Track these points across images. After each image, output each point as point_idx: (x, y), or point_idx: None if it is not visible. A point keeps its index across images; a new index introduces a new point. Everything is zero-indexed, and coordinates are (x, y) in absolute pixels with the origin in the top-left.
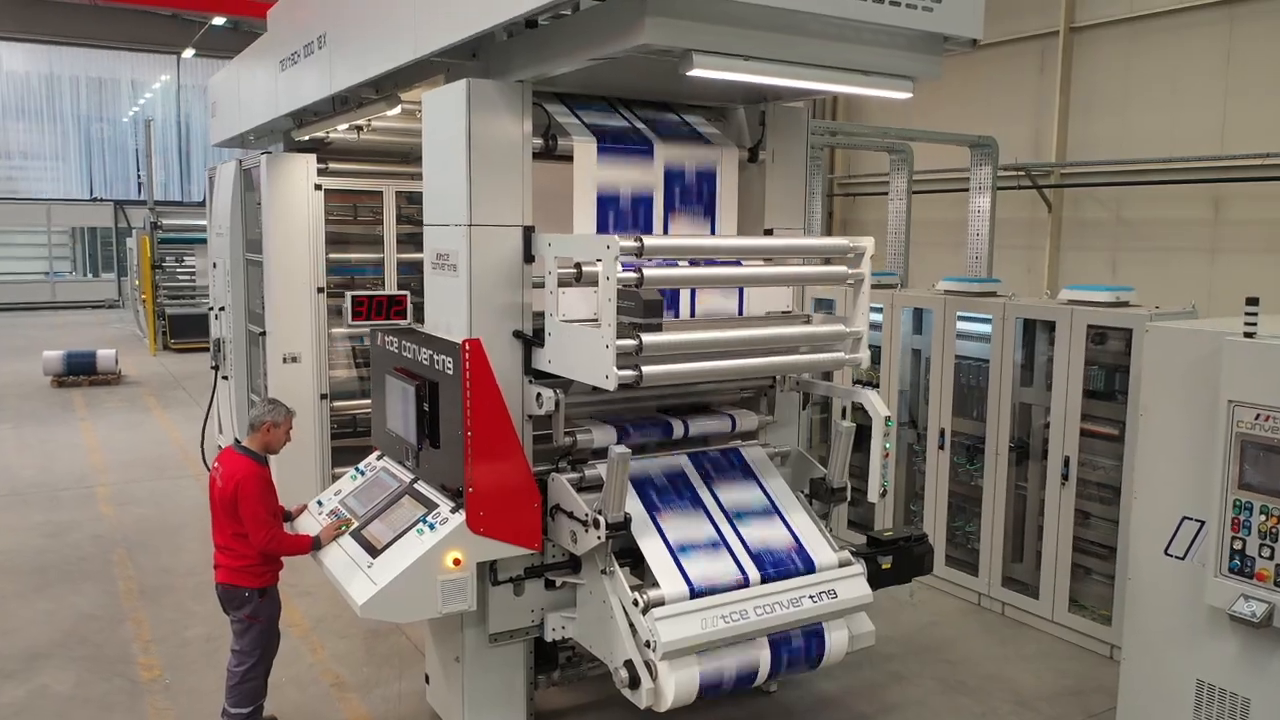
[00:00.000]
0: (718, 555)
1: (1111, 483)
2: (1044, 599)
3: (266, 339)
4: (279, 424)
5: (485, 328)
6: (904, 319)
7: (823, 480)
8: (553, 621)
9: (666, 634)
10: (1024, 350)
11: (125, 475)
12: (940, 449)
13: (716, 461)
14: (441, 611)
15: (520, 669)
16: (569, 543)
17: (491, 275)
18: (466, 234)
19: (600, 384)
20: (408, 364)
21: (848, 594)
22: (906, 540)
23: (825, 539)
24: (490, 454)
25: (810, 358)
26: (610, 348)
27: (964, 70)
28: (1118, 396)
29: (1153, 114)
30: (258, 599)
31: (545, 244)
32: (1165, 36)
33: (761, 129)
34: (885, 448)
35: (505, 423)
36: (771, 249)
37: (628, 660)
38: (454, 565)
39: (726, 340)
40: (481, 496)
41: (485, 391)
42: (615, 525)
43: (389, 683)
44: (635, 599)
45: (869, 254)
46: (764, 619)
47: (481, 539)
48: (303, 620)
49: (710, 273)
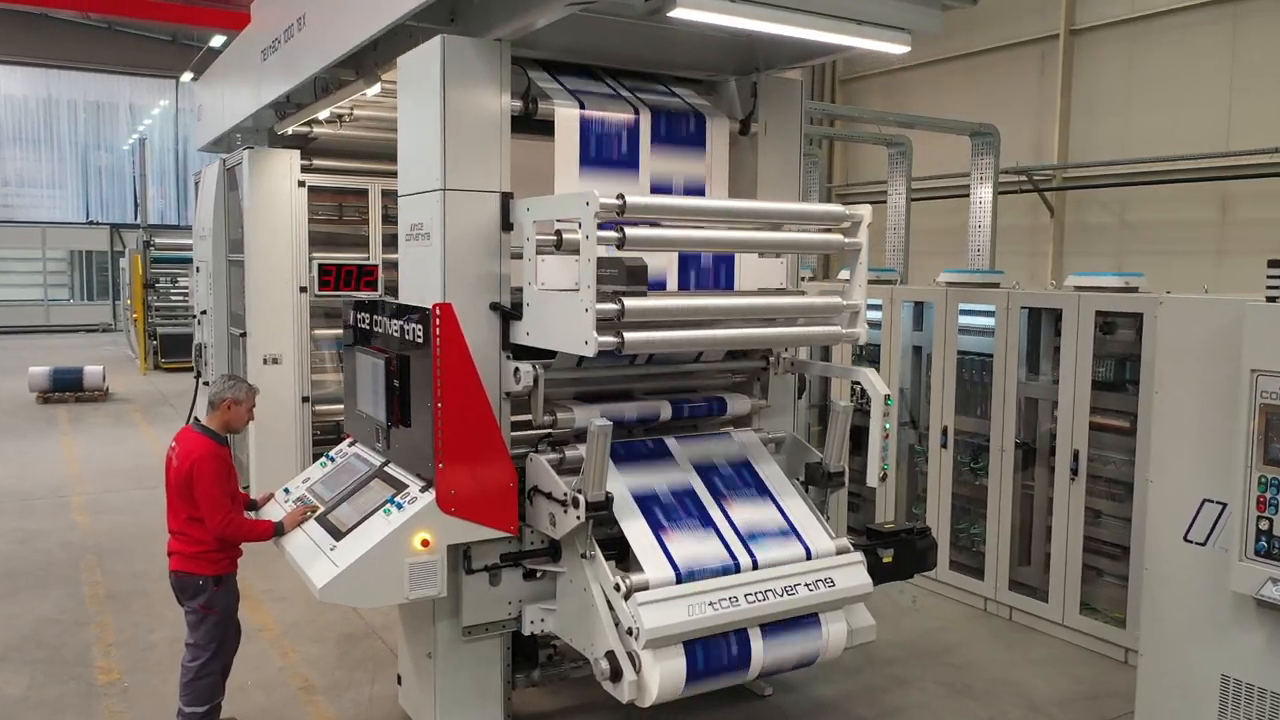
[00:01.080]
0: (706, 539)
1: (1123, 478)
2: (1054, 602)
3: (247, 340)
4: (240, 401)
5: (460, 299)
6: (904, 316)
7: (819, 465)
8: (531, 614)
9: (650, 620)
10: (1029, 343)
11: (102, 485)
12: (943, 447)
13: (706, 445)
14: (409, 596)
15: (497, 666)
16: (547, 526)
17: (467, 244)
18: (440, 199)
19: (579, 350)
20: (378, 339)
21: (846, 582)
22: (909, 533)
23: (822, 526)
24: (462, 427)
25: (805, 330)
26: (590, 311)
27: (963, 74)
28: (1128, 388)
29: (1156, 115)
30: (213, 588)
31: (524, 209)
32: (1168, 36)
33: (753, 101)
34: (885, 428)
35: (478, 393)
36: (761, 212)
37: (609, 651)
38: (422, 547)
39: (714, 308)
40: (453, 474)
41: (457, 359)
42: (596, 505)
43: (361, 686)
44: (617, 584)
45: (866, 222)
46: (756, 607)
47: (452, 520)
48: (274, 625)
49: (696, 234)
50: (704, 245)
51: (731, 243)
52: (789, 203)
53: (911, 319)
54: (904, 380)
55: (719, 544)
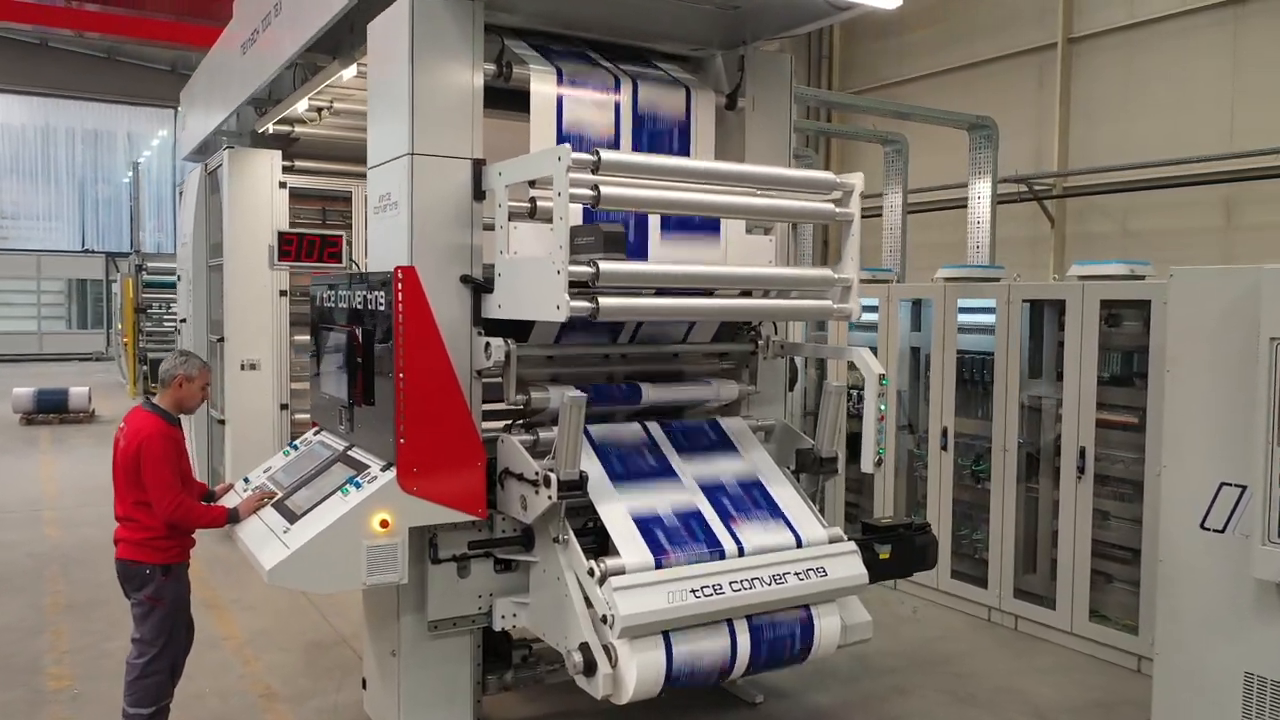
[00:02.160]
0: (688, 524)
1: (1132, 477)
2: (1061, 609)
3: (224, 345)
4: (193, 378)
5: (428, 271)
6: (902, 317)
7: (810, 452)
8: (502, 608)
9: (626, 607)
10: (1031, 339)
11: (77, 501)
12: (943, 450)
13: (690, 430)
14: (366, 582)
15: (466, 665)
16: (519, 510)
17: (436, 212)
18: (408, 165)
19: (551, 316)
20: (342, 314)
21: (839, 573)
22: (907, 528)
23: (813, 514)
24: (426, 399)
25: (794, 304)
26: (562, 273)
27: (961, 86)
28: (1135, 382)
29: (1157, 121)
30: (160, 578)
31: (495, 174)
32: (1168, 41)
33: (740, 75)
34: (880, 409)
35: (443, 364)
36: (745, 175)
37: (583, 643)
38: (381, 529)
39: (697, 276)
40: (415, 450)
41: (420, 325)
42: (569, 484)
43: (325, 694)
44: (591, 568)
45: (858, 191)
46: (742, 596)
47: (415, 500)
48: (239, 633)
49: (676, 195)
50: (684, 207)
51: (713, 206)
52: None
53: (909, 319)
54: (902, 383)
55: (702, 529)
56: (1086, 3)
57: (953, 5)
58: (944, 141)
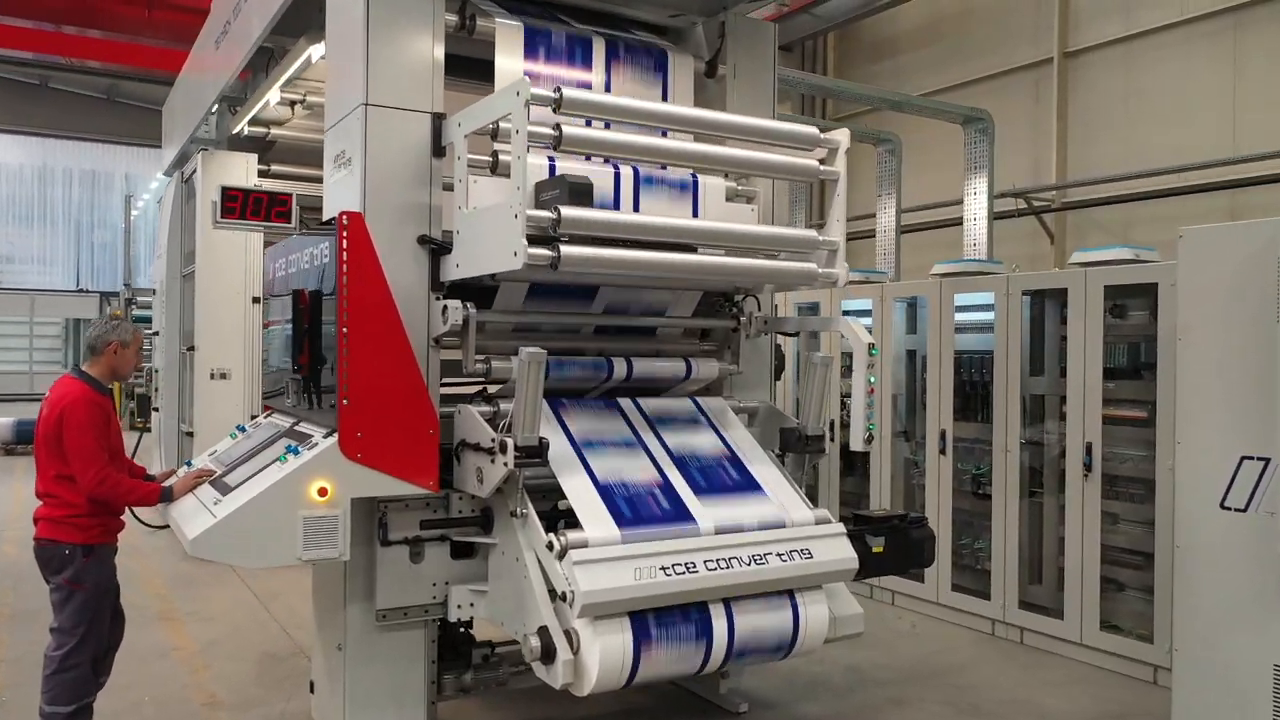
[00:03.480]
0: (659, 497)
1: (1143, 475)
2: (1070, 620)
3: (194, 355)
4: (127, 344)
5: (383, 230)
6: (896, 319)
7: (795, 430)
8: (458, 596)
9: (587, 582)
10: (1032, 335)
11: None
12: (941, 454)
13: (665, 407)
14: (302, 557)
15: (419, 663)
16: (475, 484)
17: (393, 168)
18: (362, 116)
19: (507, 265)
20: (292, 279)
21: (826, 556)
22: (901, 519)
23: (799, 495)
24: (372, 356)
25: (776, 265)
26: (520, 218)
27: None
28: (1143, 374)
29: (1157, 132)
30: (81, 559)
31: (455, 125)
32: (1167, 52)
33: (721, 41)
34: (869, 381)
35: (391, 317)
36: (721, 124)
37: (542, 626)
38: (320, 497)
39: (667, 228)
40: (360, 412)
41: (366, 276)
42: (527, 450)
43: (273, 703)
44: (550, 541)
45: (844, 148)
46: (718, 576)
47: (358, 468)
48: (191, 643)
49: (647, 141)
50: (654, 154)
51: (686, 155)
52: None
53: (904, 321)
54: (898, 387)
55: (675, 504)
56: (1082, 17)
57: (946, 26)
58: (938, 158)
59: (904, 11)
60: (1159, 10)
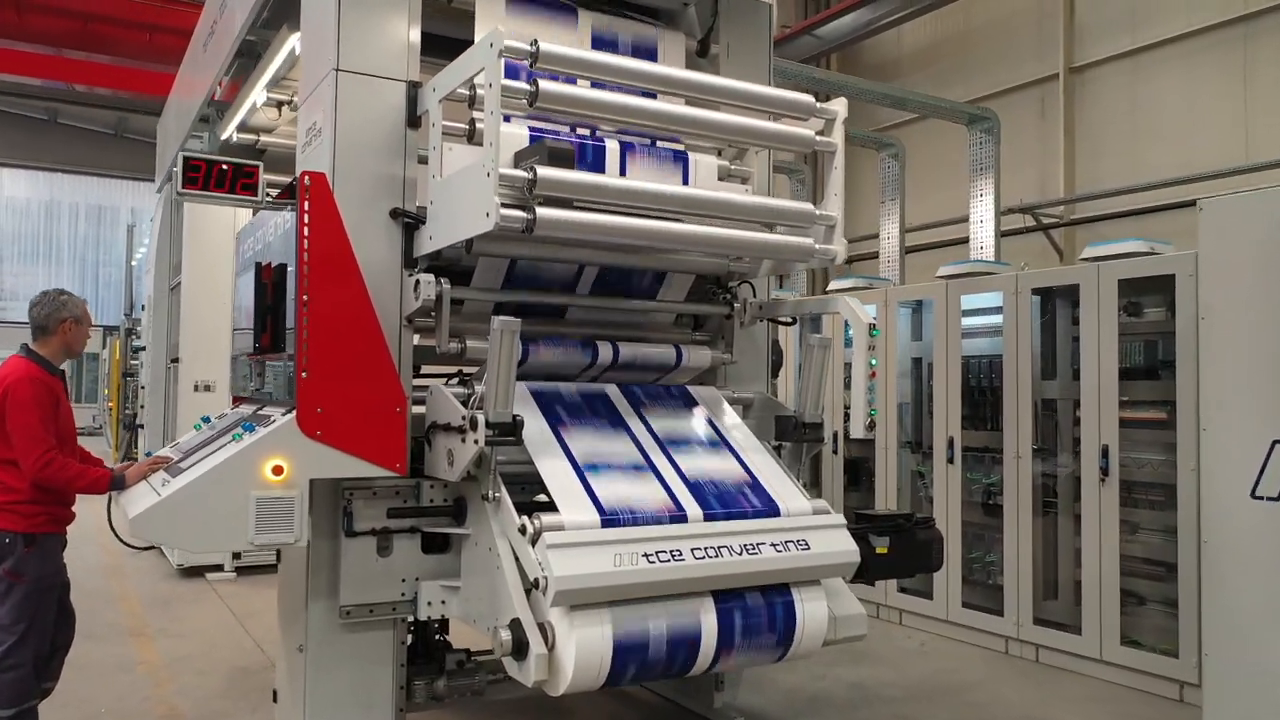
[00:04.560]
0: (643, 480)
1: (1163, 480)
2: (1089, 635)
3: (178, 367)
4: (80, 319)
5: (353, 204)
6: (901, 326)
7: (791, 418)
8: (429, 592)
9: (562, 566)
10: (1043, 337)
11: None
12: (949, 463)
13: (654, 392)
14: (254, 541)
15: (386, 667)
16: (445, 468)
17: (365, 138)
18: (333, 83)
19: (479, 227)
20: (256, 255)
21: (825, 547)
22: (907, 519)
23: (795, 485)
24: (334, 326)
25: (770, 238)
26: (492, 175)
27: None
28: (1161, 374)
29: (1166, 146)
30: (23, 548)
31: (429, 90)
32: (1175, 64)
33: (714, 19)
34: (871, 364)
35: (355, 285)
36: (714, 87)
37: (514, 619)
38: (274, 476)
39: (651, 194)
40: (320, 385)
41: (328, 238)
42: (499, 426)
43: (237, 715)
44: (523, 525)
45: (841, 118)
46: (706, 565)
47: (317, 446)
48: (159, 657)
49: (630, 101)
50: (637, 116)
51: (673, 118)
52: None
53: (910, 328)
54: (903, 396)
55: (660, 488)
56: (1088, 32)
57: (948, 45)
58: (942, 177)
59: (907, 32)
60: (1166, 23)
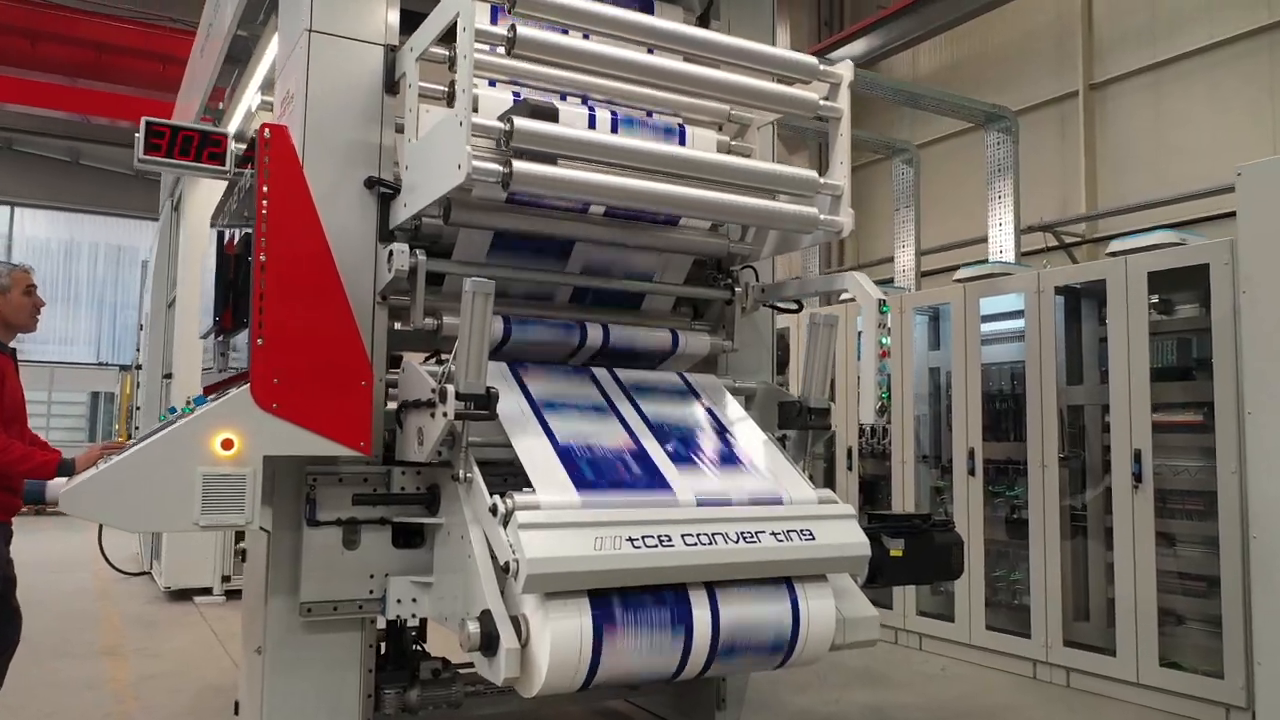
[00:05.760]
0: (630, 464)
1: (1202, 488)
2: (1124, 657)
3: (171, 382)
4: (7, 287)
5: (325, 173)
6: (918, 334)
7: (795, 404)
8: (398, 589)
9: (534, 548)
10: (1068, 340)
11: None
12: (970, 475)
13: (646, 377)
14: (200, 522)
15: (352, 672)
16: (416, 449)
17: (338, 103)
18: (305, 45)
19: (451, 181)
20: (224, 232)
21: (831, 539)
22: (924, 520)
23: (800, 474)
24: (295, 288)
25: (770, 205)
26: (465, 124)
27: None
28: (1195, 374)
29: (1193, 161)
30: None
31: (407, 50)
32: (1198, 77)
33: None
34: (881, 344)
35: (318, 244)
36: (708, 42)
37: (485, 610)
38: (224, 450)
39: (643, 153)
40: (277, 354)
41: (289, 195)
42: (471, 398)
43: None
44: (493, 505)
45: (847, 82)
46: (698, 553)
47: (273, 420)
48: (128, 676)
49: (617, 53)
50: (623, 69)
51: (663, 72)
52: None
53: (926, 337)
54: (921, 409)
55: (649, 471)
56: (1107, 48)
57: (965, 68)
58: (958, 202)
59: (922, 54)
60: (1188, 35)
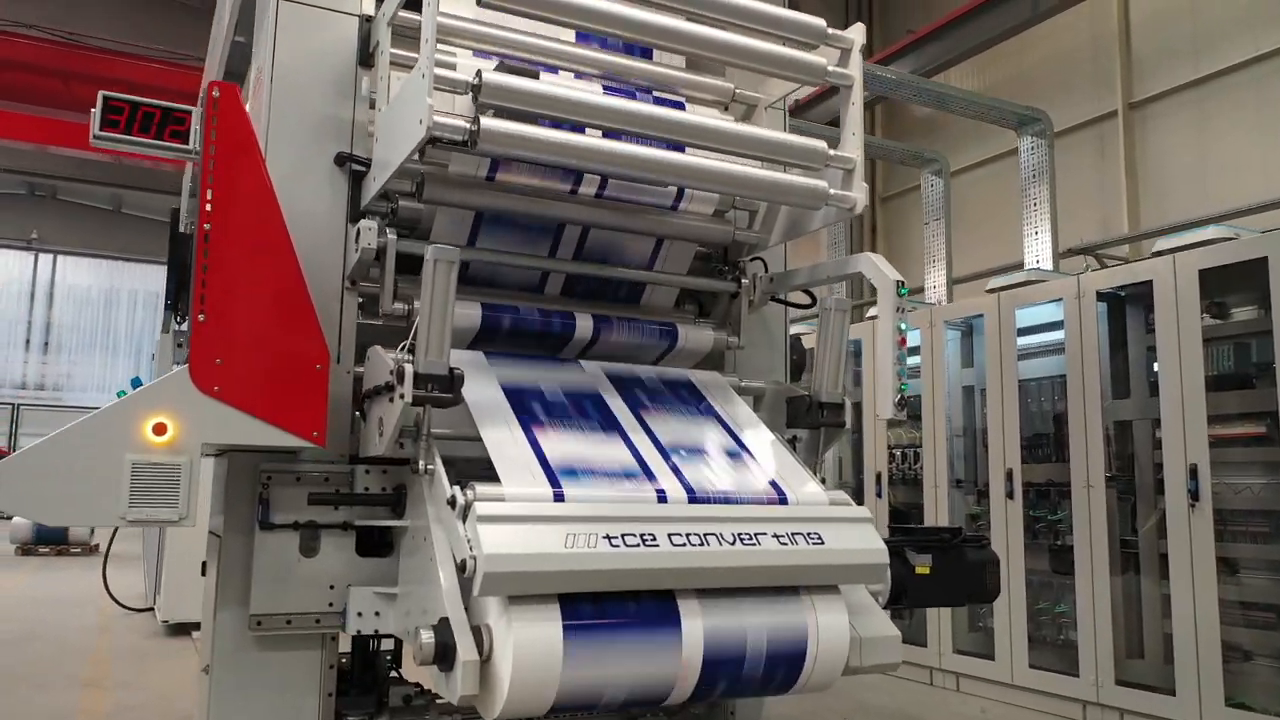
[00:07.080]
0: (614, 455)
1: (1266, 507)
2: (1184, 696)
3: None
4: None
5: (291, 148)
6: (949, 351)
7: (805, 399)
8: (359, 601)
9: (494, 543)
10: (1113, 352)
11: (14, 601)
12: (1008, 498)
13: (640, 370)
14: (127, 517)
15: (310, 695)
16: (376, 440)
17: (307, 75)
18: (274, 12)
19: (413, 139)
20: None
21: (843, 543)
22: (955, 534)
23: (809, 474)
24: (241, 258)
25: (775, 177)
26: (426, 76)
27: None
28: (1256, 381)
29: (1238, 178)
30: None
31: (380, 18)
32: (1244, 92)
33: None
34: (900, 329)
35: (269, 212)
36: (711, 2)
37: (443, 619)
38: (156, 436)
39: (626, 113)
40: (220, 333)
41: (236, 157)
42: (432, 378)
43: None
44: (452, 496)
45: (858, 46)
46: (688, 555)
47: (214, 404)
48: (105, 707)
49: (604, 6)
50: (612, 24)
51: (655, 29)
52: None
53: (959, 353)
54: (954, 427)
55: (638, 464)
56: (1146, 66)
57: (999, 92)
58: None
59: (952, 79)
60: (1231, 49)
